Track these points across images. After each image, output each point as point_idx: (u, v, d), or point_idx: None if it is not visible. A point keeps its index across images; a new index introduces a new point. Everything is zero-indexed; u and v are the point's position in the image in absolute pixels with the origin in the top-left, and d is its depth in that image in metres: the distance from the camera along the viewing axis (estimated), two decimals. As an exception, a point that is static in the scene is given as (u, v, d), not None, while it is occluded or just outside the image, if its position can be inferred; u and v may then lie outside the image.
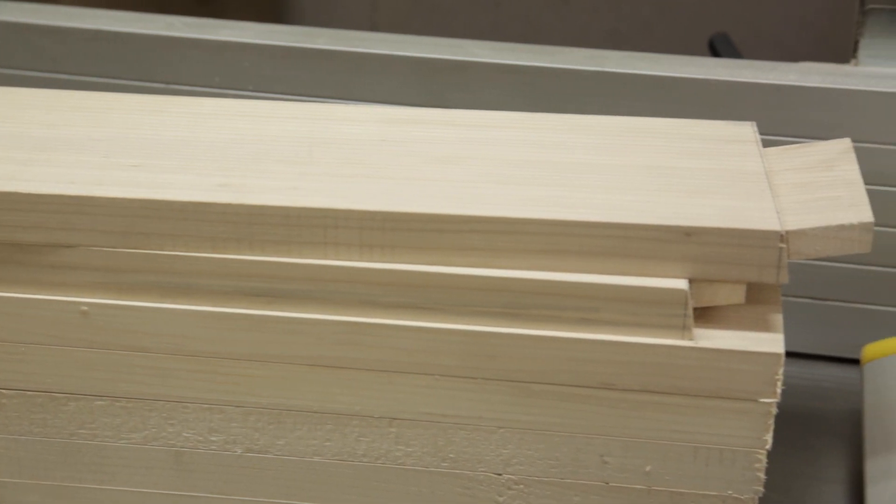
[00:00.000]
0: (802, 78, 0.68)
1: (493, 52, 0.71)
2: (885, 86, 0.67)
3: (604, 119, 0.62)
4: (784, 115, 0.68)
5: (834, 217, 0.55)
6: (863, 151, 0.67)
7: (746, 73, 0.69)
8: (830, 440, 0.67)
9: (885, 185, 0.68)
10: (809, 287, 0.72)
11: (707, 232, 0.53)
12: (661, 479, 0.56)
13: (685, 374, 0.54)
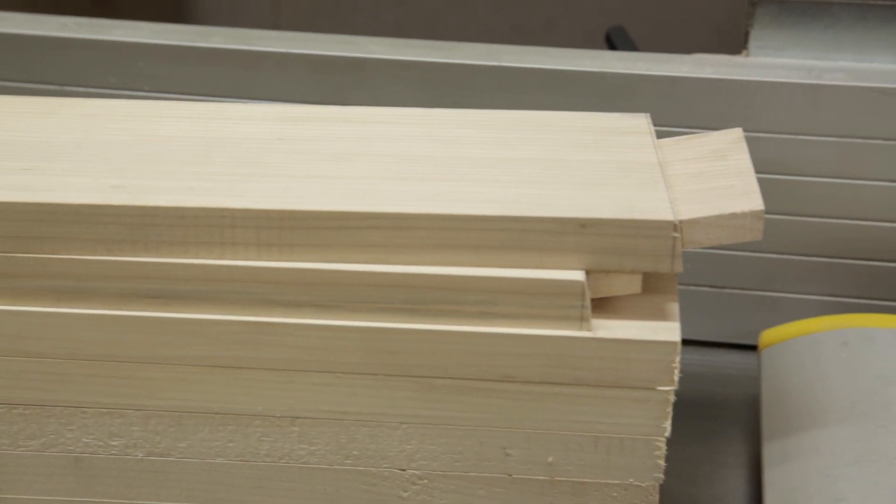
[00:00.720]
0: (695, 69, 0.69)
1: (390, 48, 0.71)
2: (774, 76, 0.68)
3: (500, 113, 0.63)
4: (678, 106, 0.69)
5: (726, 206, 0.56)
6: (754, 141, 0.68)
7: (641, 65, 0.70)
8: (731, 426, 0.68)
9: (776, 174, 0.69)
10: (709, 276, 0.73)
11: (602, 223, 0.54)
12: (564, 469, 0.56)
13: (584, 364, 0.55)
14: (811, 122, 0.68)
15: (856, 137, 0.68)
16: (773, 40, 0.70)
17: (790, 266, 0.72)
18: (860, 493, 0.54)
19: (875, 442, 0.57)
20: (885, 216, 0.69)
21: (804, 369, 0.64)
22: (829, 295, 0.72)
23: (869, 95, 0.67)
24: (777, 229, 0.71)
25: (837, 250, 0.71)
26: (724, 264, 0.72)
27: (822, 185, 0.69)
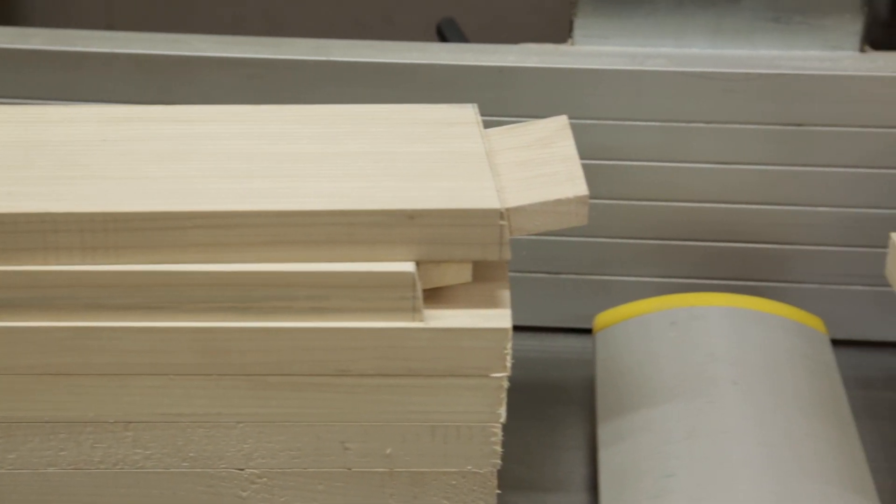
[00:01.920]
0: (521, 59, 0.70)
1: (217, 45, 0.70)
2: (598, 63, 0.70)
3: (327, 108, 0.63)
4: (506, 95, 0.70)
5: (551, 192, 0.56)
6: (581, 127, 0.69)
7: (469, 56, 0.71)
8: (569, 409, 0.69)
9: (604, 160, 0.71)
10: (543, 262, 0.74)
11: (430, 214, 0.54)
12: (402, 460, 0.57)
13: (418, 355, 0.55)
14: (635, 107, 0.70)
15: (678, 121, 0.70)
16: (597, 29, 0.71)
17: (622, 249, 0.73)
18: (689, 467, 0.56)
19: (703, 417, 0.59)
20: (708, 197, 0.71)
21: (635, 350, 0.65)
22: (660, 276, 0.73)
23: (689, 80, 0.69)
24: (607, 214, 0.72)
25: (665, 232, 0.72)
26: (559, 250, 0.74)
27: (648, 169, 0.71)
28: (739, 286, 0.73)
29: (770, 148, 0.70)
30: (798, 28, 0.70)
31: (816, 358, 0.65)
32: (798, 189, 0.71)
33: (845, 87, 0.68)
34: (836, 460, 0.57)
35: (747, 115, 0.69)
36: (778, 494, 0.53)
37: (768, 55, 0.70)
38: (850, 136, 0.69)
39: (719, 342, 0.64)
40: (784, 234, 0.72)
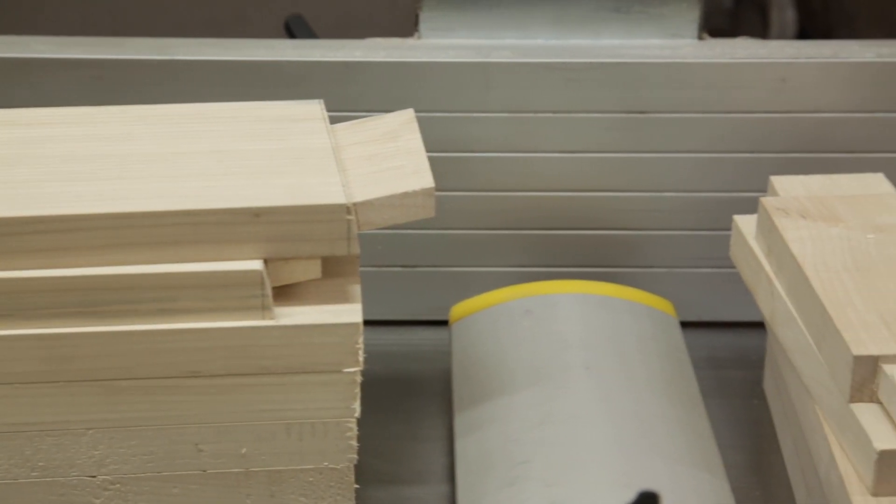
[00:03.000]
0: (368, 54, 0.70)
1: (56, 46, 0.69)
2: (444, 56, 0.70)
3: (171, 107, 0.62)
4: (354, 90, 0.70)
5: (397, 186, 0.57)
6: (430, 120, 0.70)
7: (315, 52, 0.71)
8: (428, 400, 0.69)
9: (454, 152, 0.71)
10: (399, 255, 0.74)
11: (276, 211, 0.54)
12: (258, 459, 0.56)
13: (269, 353, 0.55)
14: (482, 99, 0.70)
15: (525, 112, 0.70)
16: (442, 22, 0.71)
17: (475, 241, 0.74)
18: (543, 453, 0.56)
19: (556, 403, 0.59)
20: (557, 186, 0.72)
21: (491, 340, 0.66)
22: (514, 266, 0.74)
23: (534, 71, 0.70)
24: (460, 206, 0.73)
25: (517, 222, 0.73)
26: (413, 244, 0.74)
27: (497, 160, 0.71)
28: (591, 273, 0.74)
29: (615, 135, 0.71)
30: (638, 17, 0.71)
31: (666, 340, 0.66)
32: (644, 175, 0.72)
33: (685, 74, 0.70)
34: (684, 439, 0.58)
35: (592, 103, 0.70)
36: (628, 475, 0.54)
37: (610, 44, 0.71)
38: (692, 121, 0.71)
39: (571, 329, 0.65)
40: (632, 220, 0.73)
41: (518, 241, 0.74)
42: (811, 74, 0.69)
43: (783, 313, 0.61)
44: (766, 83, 0.69)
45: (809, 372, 0.58)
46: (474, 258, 0.74)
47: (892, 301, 0.56)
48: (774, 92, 0.70)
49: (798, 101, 0.70)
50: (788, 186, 0.66)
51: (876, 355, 0.53)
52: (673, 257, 0.74)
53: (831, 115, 0.70)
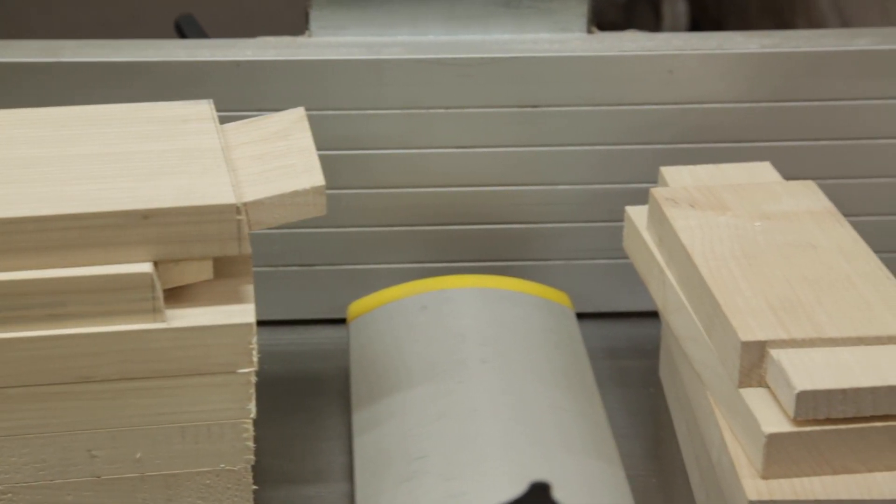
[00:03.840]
0: (259, 53, 0.70)
1: (-62, 50, 0.68)
2: (336, 54, 0.70)
3: (57, 110, 0.61)
4: (245, 90, 0.69)
5: (287, 185, 0.57)
6: (324, 119, 0.70)
7: (205, 52, 0.70)
8: (328, 399, 0.69)
9: (348, 150, 0.71)
10: (297, 255, 0.74)
11: (165, 213, 0.54)
12: (153, 463, 0.56)
13: (162, 356, 0.54)
14: (375, 96, 0.70)
15: (418, 108, 0.71)
16: (333, 20, 0.71)
17: (373, 238, 0.74)
18: (440, 448, 0.57)
19: (453, 398, 0.60)
20: (453, 181, 0.72)
21: (388, 336, 0.66)
22: (411, 262, 0.74)
23: (426, 67, 0.70)
24: (356, 203, 0.72)
25: (414, 218, 0.73)
26: (311, 242, 0.74)
27: (393, 157, 0.72)
28: (488, 267, 0.74)
29: (508, 130, 0.71)
30: (528, 12, 0.72)
31: (562, 332, 0.67)
32: (538, 169, 0.72)
33: (575, 67, 0.70)
34: (580, 430, 0.59)
35: (484, 98, 0.71)
36: (525, 466, 0.54)
37: (501, 39, 0.72)
38: (584, 114, 0.71)
39: (468, 323, 0.65)
40: (527, 213, 0.73)
41: (415, 237, 0.74)
42: (697, 66, 0.70)
43: (674, 302, 0.61)
44: (654, 75, 0.70)
45: (700, 358, 0.59)
46: (371, 255, 0.74)
47: (779, 287, 0.57)
48: (662, 84, 0.70)
49: (685, 93, 0.71)
50: (678, 176, 0.67)
51: (763, 340, 0.54)
52: (568, 250, 0.74)
53: (718, 105, 0.71)
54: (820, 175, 0.71)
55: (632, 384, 0.71)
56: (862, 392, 0.52)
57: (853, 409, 0.52)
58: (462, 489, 0.53)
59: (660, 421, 0.68)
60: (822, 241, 0.60)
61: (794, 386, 0.52)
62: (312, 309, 0.75)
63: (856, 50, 0.70)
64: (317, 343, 0.74)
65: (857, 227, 0.67)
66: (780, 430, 0.52)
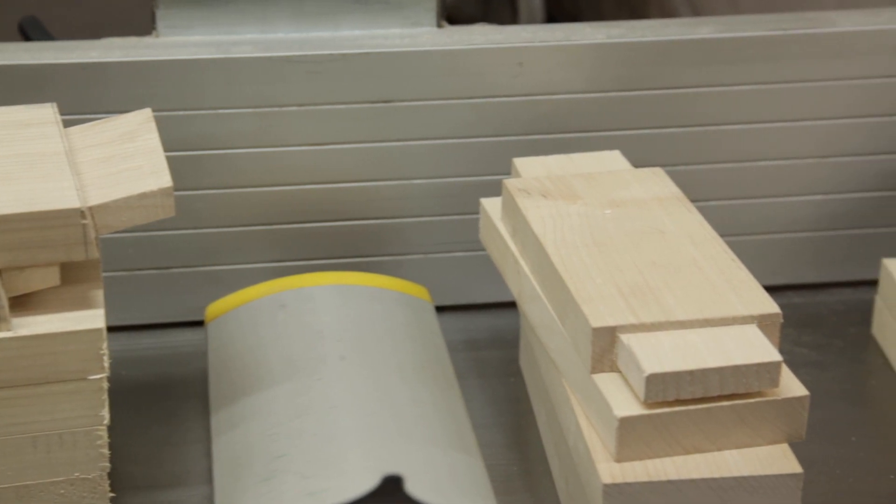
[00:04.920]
0: (105, 54, 0.69)
1: None
2: (184, 54, 0.69)
3: None
4: (92, 92, 0.68)
5: (135, 187, 0.56)
6: (173, 119, 0.69)
7: (50, 54, 0.69)
8: (187, 402, 0.68)
9: (198, 150, 0.70)
10: (154, 258, 0.73)
11: (6, 220, 0.53)
12: (4, 475, 0.55)
13: (9, 365, 0.53)
14: (226, 95, 0.69)
15: (270, 106, 0.70)
16: (181, 19, 0.70)
17: (230, 238, 0.73)
18: (299, 446, 0.56)
19: (312, 395, 0.59)
20: (309, 179, 0.72)
21: (246, 337, 0.65)
22: (270, 261, 0.74)
23: (276, 65, 0.69)
24: (212, 204, 0.72)
25: (271, 217, 0.73)
26: (166, 245, 0.73)
27: (246, 156, 0.71)
28: (346, 264, 0.74)
29: (361, 126, 0.71)
30: (377, 7, 0.72)
31: (421, 326, 0.67)
32: (392, 164, 0.72)
33: (425, 62, 0.70)
34: (439, 422, 0.59)
35: (336, 95, 0.70)
36: (384, 461, 0.54)
37: (351, 35, 0.71)
38: (436, 108, 0.71)
39: (327, 320, 0.65)
40: (384, 208, 0.73)
41: (272, 236, 0.73)
42: (546, 57, 0.71)
43: (529, 291, 0.62)
44: (504, 68, 0.71)
45: (555, 346, 0.60)
46: (229, 256, 0.74)
47: (629, 273, 0.58)
48: (512, 76, 0.71)
49: (535, 84, 0.71)
50: (530, 167, 0.68)
51: (613, 326, 0.55)
52: (426, 243, 0.75)
53: (568, 95, 0.72)
54: (668, 162, 0.72)
55: (492, 374, 0.71)
56: (709, 372, 0.53)
57: (701, 389, 0.53)
58: (321, 486, 0.53)
59: (521, 410, 0.69)
60: (670, 226, 0.62)
61: (643, 369, 0.53)
62: (170, 312, 0.74)
63: (699, 38, 0.71)
64: (176, 347, 0.74)
65: (704, 212, 0.69)
66: (632, 413, 0.53)
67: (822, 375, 0.71)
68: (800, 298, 0.77)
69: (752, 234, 0.76)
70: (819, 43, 0.72)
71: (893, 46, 0.72)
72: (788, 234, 0.76)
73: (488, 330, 0.75)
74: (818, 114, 0.73)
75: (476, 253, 0.74)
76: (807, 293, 0.78)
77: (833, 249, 0.77)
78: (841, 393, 0.69)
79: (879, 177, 0.75)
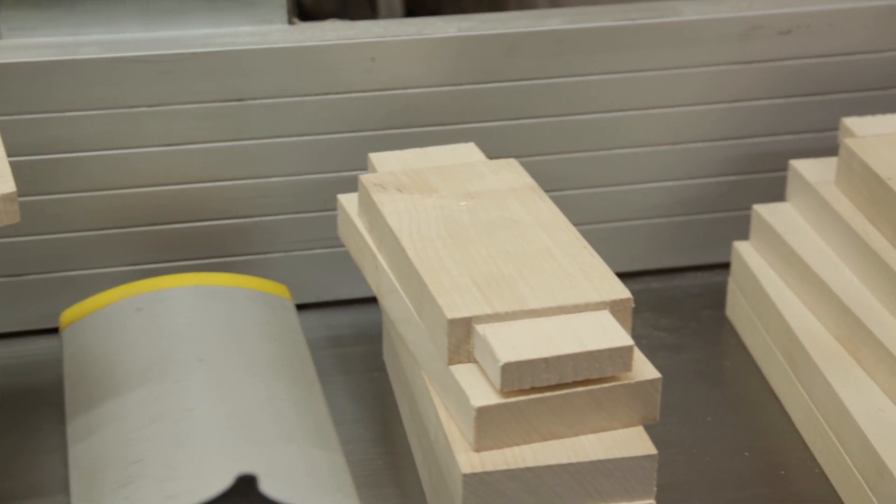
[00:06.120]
0: (-55, 58, 0.67)
1: None
2: (28, 56, 0.67)
3: None
4: (-67, 98, 0.67)
5: (-24, 193, 0.54)
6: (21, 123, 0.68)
7: None
8: (44, 411, 0.67)
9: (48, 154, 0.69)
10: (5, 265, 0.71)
11: None
12: None
13: None
14: (74, 97, 0.68)
15: (120, 108, 0.69)
16: (24, 21, 0.69)
17: (84, 243, 0.72)
18: (157, 450, 0.56)
19: (169, 399, 0.59)
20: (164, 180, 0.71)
21: (102, 342, 0.64)
22: (127, 265, 0.73)
23: (124, 65, 0.68)
24: (63, 209, 0.70)
25: (126, 220, 0.72)
26: (18, 252, 0.71)
27: (98, 159, 0.70)
28: (206, 264, 0.74)
29: (215, 125, 0.71)
30: (226, 5, 0.71)
31: (281, 324, 0.67)
32: (248, 163, 0.72)
33: (277, 59, 0.70)
34: (299, 419, 0.59)
35: (188, 95, 0.70)
36: (241, 461, 0.54)
37: (201, 34, 0.71)
38: (290, 105, 0.71)
39: (184, 322, 0.64)
40: (241, 208, 0.73)
41: (128, 239, 0.72)
42: (399, 52, 0.71)
43: (387, 285, 0.62)
44: (357, 63, 0.71)
45: (413, 339, 0.60)
46: (84, 261, 0.72)
47: (483, 264, 0.59)
48: (365, 71, 0.71)
49: (389, 79, 0.71)
50: (385, 162, 0.68)
51: (468, 317, 0.55)
52: (286, 241, 0.74)
53: (422, 89, 0.72)
54: (523, 153, 0.73)
55: (357, 370, 0.71)
56: (563, 359, 0.54)
57: (556, 376, 0.54)
58: (178, 490, 0.53)
59: (385, 404, 0.69)
60: (524, 216, 0.62)
61: (498, 358, 0.53)
62: (25, 320, 0.73)
63: (549, 30, 0.72)
64: (31, 355, 0.72)
65: (560, 201, 0.70)
66: (489, 402, 0.54)
67: (678, 358, 0.72)
68: (657, 283, 0.79)
69: (609, 221, 0.77)
70: (665, 32, 0.73)
71: (737, 34, 0.74)
72: (644, 221, 0.78)
73: (351, 326, 0.75)
74: (667, 101, 0.75)
75: (336, 249, 0.74)
76: (664, 278, 0.79)
77: (688, 234, 0.78)
78: (697, 374, 0.71)
79: (729, 161, 0.77)
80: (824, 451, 0.64)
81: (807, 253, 0.69)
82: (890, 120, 0.72)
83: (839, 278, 0.67)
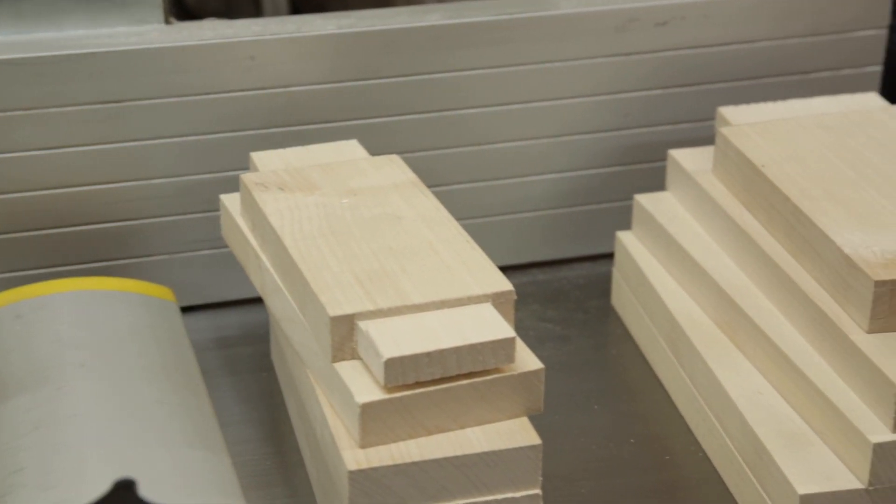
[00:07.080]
0: None
1: None
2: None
3: None
4: None
5: None
6: None
7: None
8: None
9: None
10: None
11: None
12: None
13: None
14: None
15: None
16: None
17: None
18: (39, 458, 0.55)
19: (51, 405, 0.58)
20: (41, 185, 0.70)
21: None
22: (6, 272, 0.71)
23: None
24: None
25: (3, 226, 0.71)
26: None
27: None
28: (89, 269, 0.73)
29: (93, 128, 0.70)
30: (103, 5, 0.70)
31: (164, 327, 0.66)
32: (129, 165, 0.71)
33: (155, 59, 0.69)
34: (183, 422, 0.58)
35: (64, 97, 0.69)
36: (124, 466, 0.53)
37: (75, 35, 0.70)
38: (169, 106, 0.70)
39: (65, 328, 0.63)
40: (123, 211, 0.72)
41: (5, 245, 0.71)
42: (279, 50, 0.71)
43: (271, 284, 0.62)
44: (236, 62, 0.70)
45: (298, 338, 0.60)
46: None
47: (366, 260, 0.59)
48: (245, 70, 0.71)
49: (269, 78, 0.71)
50: (268, 161, 0.68)
51: (351, 314, 0.55)
52: (170, 243, 0.74)
53: (303, 87, 0.72)
54: (406, 149, 0.73)
55: (244, 371, 0.71)
56: (446, 353, 0.54)
57: (440, 370, 0.54)
58: (61, 497, 0.52)
59: (274, 404, 0.69)
60: (407, 211, 0.62)
61: (381, 354, 0.53)
62: None
63: (428, 25, 0.72)
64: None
65: (445, 196, 0.70)
66: (373, 398, 0.54)
67: (565, 348, 0.73)
68: (544, 275, 0.79)
69: (493, 215, 0.78)
70: (543, 26, 0.74)
71: (613, 26, 0.75)
72: (529, 214, 0.78)
73: (239, 327, 0.75)
74: (548, 94, 0.75)
75: (221, 250, 0.73)
76: (550, 270, 0.80)
77: (571, 225, 0.79)
78: (583, 364, 0.72)
79: (609, 152, 0.78)
80: (707, 435, 0.65)
81: (686, 241, 0.70)
82: (764, 109, 0.73)
83: (718, 265, 0.68)
